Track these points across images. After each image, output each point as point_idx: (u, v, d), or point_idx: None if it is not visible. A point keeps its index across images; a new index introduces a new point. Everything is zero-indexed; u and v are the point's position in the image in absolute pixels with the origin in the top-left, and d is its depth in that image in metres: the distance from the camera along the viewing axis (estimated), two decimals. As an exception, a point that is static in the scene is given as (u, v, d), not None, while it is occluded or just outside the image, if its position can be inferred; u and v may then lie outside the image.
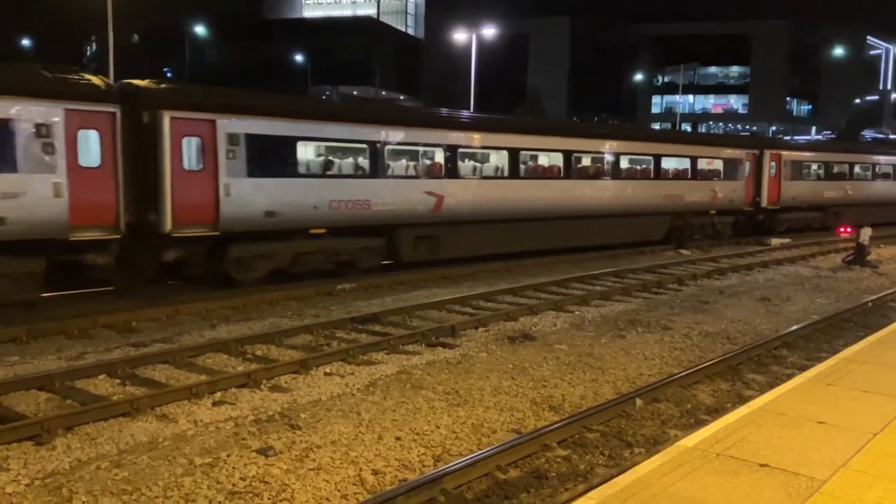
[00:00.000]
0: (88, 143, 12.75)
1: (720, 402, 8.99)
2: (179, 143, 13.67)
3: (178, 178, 13.57)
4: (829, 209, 31.89)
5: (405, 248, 17.54)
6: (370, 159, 16.64)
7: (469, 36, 44.15)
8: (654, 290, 16.60)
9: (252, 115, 14.77)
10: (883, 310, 15.07)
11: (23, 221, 11.88)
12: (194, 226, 13.84)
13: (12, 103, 11.94)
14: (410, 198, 17.28)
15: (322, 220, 15.66)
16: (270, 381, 9.19)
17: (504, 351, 10.89)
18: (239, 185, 14.35)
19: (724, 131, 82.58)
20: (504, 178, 19.59)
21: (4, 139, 11.80)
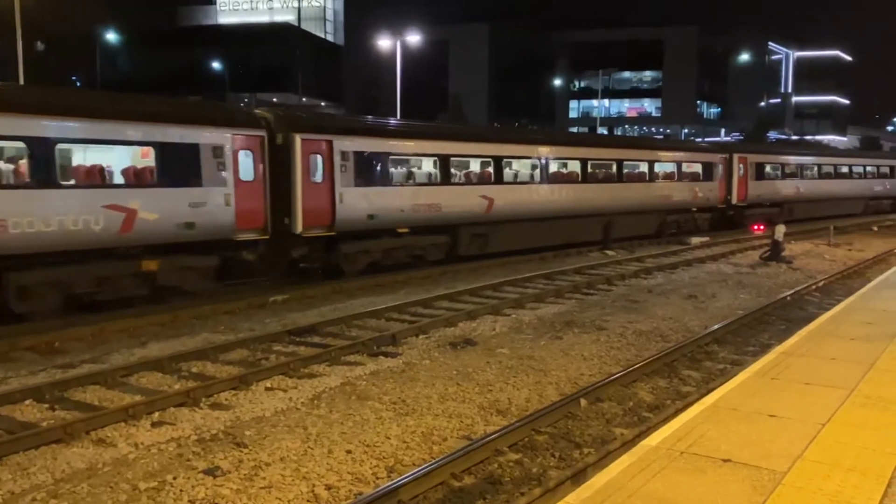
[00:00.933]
0: (246, 162, 15.37)
1: (660, 399, 9.22)
2: (307, 159, 16.42)
3: (306, 189, 16.35)
4: (785, 205, 35.42)
5: (463, 244, 20.55)
6: (440, 170, 19.90)
7: (389, 42, 44.15)
8: (586, 290, 16.91)
9: (357, 135, 17.85)
10: (800, 303, 15.79)
11: (206, 225, 14.51)
12: (317, 227, 16.70)
13: (200, 131, 14.50)
14: (469, 201, 20.50)
15: (407, 220, 18.75)
16: (210, 398, 8.92)
17: (447, 357, 10.89)
18: (349, 193, 17.20)
19: (639, 134, 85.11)
20: (537, 183, 23.06)
21: (194, 159, 14.31)
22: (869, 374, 7.53)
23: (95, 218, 12.83)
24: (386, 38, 44.65)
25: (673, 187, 28.99)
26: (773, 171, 35.65)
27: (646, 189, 27.56)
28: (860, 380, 7.33)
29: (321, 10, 68.31)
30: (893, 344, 8.97)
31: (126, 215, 13.23)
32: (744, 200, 32.56)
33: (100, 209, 12.89)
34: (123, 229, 13.23)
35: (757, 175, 33.52)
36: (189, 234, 14.21)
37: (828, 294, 16.88)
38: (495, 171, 21.44)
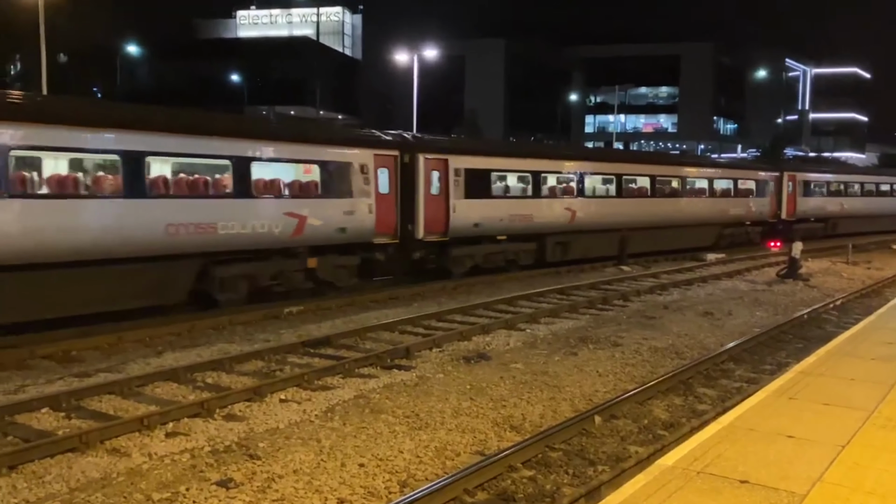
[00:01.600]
0: (383, 177, 17.98)
1: (675, 417, 9.14)
2: (428, 175, 19.08)
3: (427, 201, 18.99)
4: (829, 220, 38.17)
5: (549, 251, 22.95)
6: (532, 184, 22.37)
7: (406, 57, 44.39)
8: (601, 306, 16.84)
9: (467, 154, 20.54)
10: (818, 321, 15.63)
11: (354, 230, 17.12)
12: (435, 234, 19.35)
13: (351, 151, 17.25)
14: (556, 213, 23.07)
15: (505, 229, 21.37)
16: (224, 409, 8.93)
17: (460, 371, 10.86)
18: (460, 204, 19.80)
19: (655, 149, 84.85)
20: (613, 197, 25.55)
21: (347, 175, 16.98)
22: (889, 396, 7.43)
23: (277, 223, 15.47)
24: (403, 52, 44.90)
25: (730, 202, 31.65)
26: (819, 188, 38.05)
27: (706, 204, 30.10)
28: (880, 401, 7.24)
29: (339, 24, 68.89)
30: (914, 365, 8.87)
31: (298, 221, 15.90)
32: (792, 215, 35.12)
33: (280, 216, 15.57)
34: (296, 232, 15.88)
35: (805, 192, 36.08)
36: (341, 237, 16.98)
37: (846, 313, 16.71)
38: (577, 186, 24.06)
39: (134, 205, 13.16)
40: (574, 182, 24.01)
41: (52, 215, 12.11)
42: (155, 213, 13.48)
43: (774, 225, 34.07)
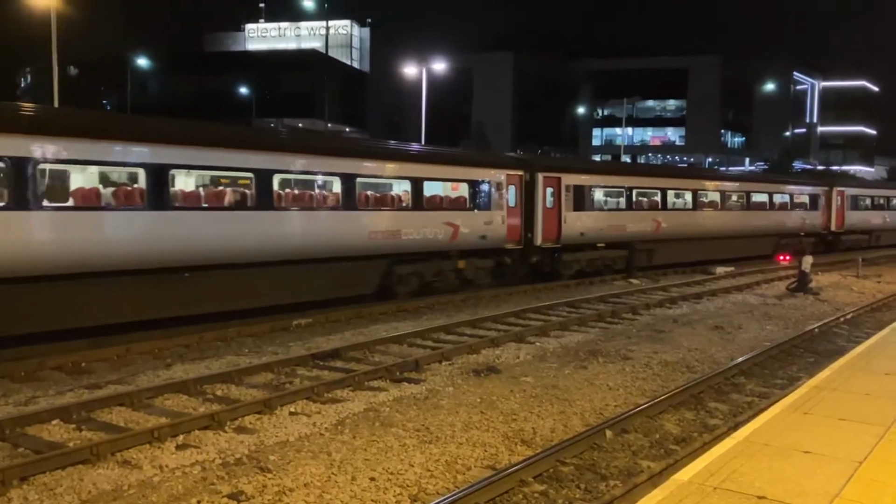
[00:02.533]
0: (512, 193, 21.19)
1: (686, 431, 9.08)
2: (545, 191, 22.27)
3: (544, 213, 22.26)
4: (873, 233, 41.50)
5: (638, 258, 25.83)
6: (626, 198, 25.64)
7: (413, 70, 44.55)
8: (610, 319, 16.78)
9: (575, 172, 23.84)
10: (829, 336, 15.53)
11: (492, 237, 20.41)
12: (549, 241, 22.55)
13: (491, 171, 20.63)
14: (644, 223, 26.17)
15: (604, 237, 24.49)
16: (235, 422, 8.92)
17: (470, 385, 10.82)
18: (570, 216, 23.01)
19: (663, 162, 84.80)
20: (690, 210, 28.86)
21: (487, 191, 20.38)
22: (904, 411, 7.37)
23: (439, 230, 18.86)
24: (411, 65, 45.07)
25: (787, 215, 34.84)
26: (864, 202, 41.07)
27: (767, 216, 33.49)
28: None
29: (348, 37, 69.26)
30: (928, 380, 8.80)
31: (454, 229, 19.30)
32: (841, 227, 38.07)
33: (442, 225, 18.92)
34: (451, 238, 19.25)
35: (852, 206, 39.18)
36: (482, 243, 20.24)
37: (857, 327, 16.60)
38: (661, 200, 27.32)
39: (348, 216, 16.85)
40: (658, 197, 27.20)
41: (303, 224, 16.14)
42: (363, 222, 17.16)
43: (824, 236, 37.13)
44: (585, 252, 24.06)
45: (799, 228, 35.28)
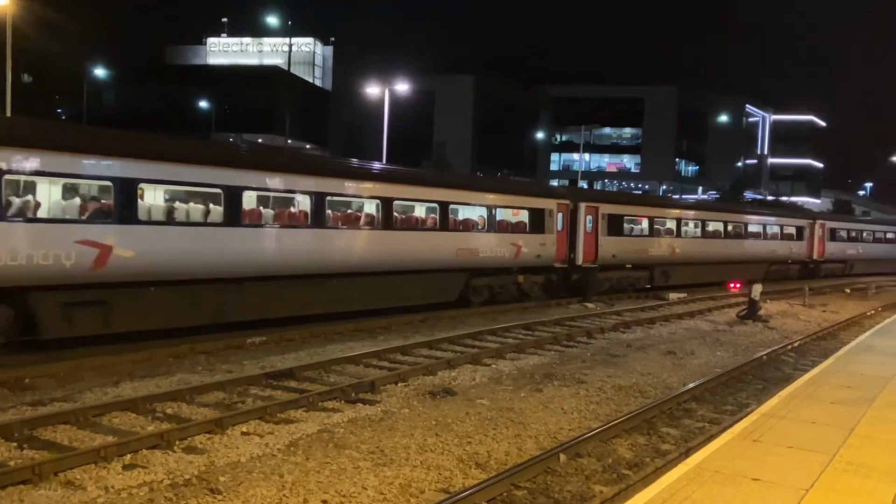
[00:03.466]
0: (560, 219, 25.05)
1: (639, 456, 9.17)
2: (585, 218, 25.97)
3: (585, 237, 26.00)
4: (848, 262, 46.63)
5: (656, 277, 29.80)
6: (649, 226, 30.00)
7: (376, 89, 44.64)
8: (566, 343, 16.91)
9: (610, 202, 28.13)
10: (776, 363, 15.88)
11: (545, 257, 24.13)
12: (588, 262, 26.24)
13: (546, 200, 24.66)
14: (663, 249, 30.45)
15: (631, 259, 28.41)
16: (184, 441, 8.73)
17: (426, 406, 10.78)
18: (605, 240, 26.67)
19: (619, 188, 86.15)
20: (697, 238, 33.15)
21: (542, 217, 24.02)
22: (849, 440, 7.56)
23: (506, 250, 22.57)
24: (373, 85, 45.16)
25: (778, 244, 39.59)
26: (841, 235, 46.12)
27: (762, 245, 37.96)
28: (841, 445, 7.35)
29: (310, 55, 69.09)
30: (872, 409, 9.03)
31: (517, 249, 22.96)
32: (822, 257, 43.13)
33: (509, 245, 22.64)
34: (515, 257, 22.93)
35: (831, 237, 44.25)
36: (537, 261, 23.92)
37: (803, 355, 17.00)
38: (676, 228, 31.55)
39: (444, 236, 20.62)
40: (674, 226, 31.42)
41: (415, 241, 19.82)
42: (453, 241, 20.86)
43: (808, 264, 42.06)
44: (616, 271, 27.94)
45: (787, 256, 40.25)
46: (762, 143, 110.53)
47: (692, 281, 31.06)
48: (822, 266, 43.35)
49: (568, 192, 27.71)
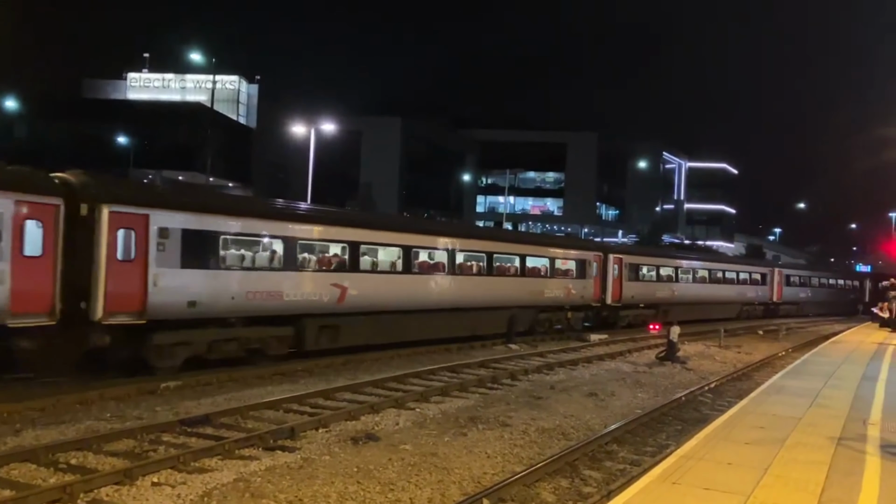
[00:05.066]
0: (595, 267, 31.49)
1: (562, 499, 9.17)
2: (613, 267, 32.95)
3: (613, 282, 32.74)
4: (801, 303, 55.13)
5: (661, 314, 35.17)
6: (656, 273, 37.55)
7: (302, 129, 44.41)
8: (490, 385, 16.89)
9: (630, 255, 35.84)
10: (694, 403, 16.25)
11: (586, 297, 30.91)
12: (615, 301, 32.83)
13: (587, 252, 31.34)
14: (665, 291, 37.83)
15: (644, 300, 35.42)
16: (89, 494, 8.26)
17: (348, 453, 10.52)
18: (626, 284, 33.77)
19: (542, 231, 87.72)
20: (690, 283, 41.03)
21: (585, 266, 30.54)
22: (763, 480, 7.73)
23: (561, 291, 29.21)
24: (299, 124, 44.92)
25: (748, 288, 47.79)
26: (795, 280, 55.00)
27: (736, 288, 46.38)
28: (756, 485, 7.51)
29: (235, 92, 68.31)
30: (784, 449, 9.29)
31: (567, 291, 29.51)
32: (780, 299, 51.21)
33: (564, 287, 29.33)
34: (566, 297, 29.50)
35: (787, 282, 52.57)
36: (580, 301, 30.29)
37: (720, 395, 17.46)
38: (675, 274, 39.57)
39: (522, 280, 27.36)
40: (672, 272, 39.23)
41: (504, 284, 26.47)
42: (534, 286, 27.92)
43: (769, 305, 50.62)
44: (633, 310, 34.28)
45: (755, 299, 48.30)
46: (678, 189, 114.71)
47: (686, 318, 34.35)
48: (780, 307, 50.79)
49: (600, 246, 35.19)
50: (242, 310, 16.72)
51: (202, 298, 15.76)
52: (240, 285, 16.65)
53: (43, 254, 13.53)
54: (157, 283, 14.94)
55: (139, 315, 14.68)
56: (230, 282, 16.52)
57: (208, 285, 15.98)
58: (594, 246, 34.27)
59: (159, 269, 15.01)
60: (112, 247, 14.36)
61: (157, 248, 15.03)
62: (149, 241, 14.89)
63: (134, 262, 14.75)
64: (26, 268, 13.20)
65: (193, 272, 15.69)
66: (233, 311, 16.55)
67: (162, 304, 15.01)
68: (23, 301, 13.05)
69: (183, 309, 15.44)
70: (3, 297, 12.79)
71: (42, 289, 13.42)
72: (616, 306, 32.82)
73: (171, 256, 15.28)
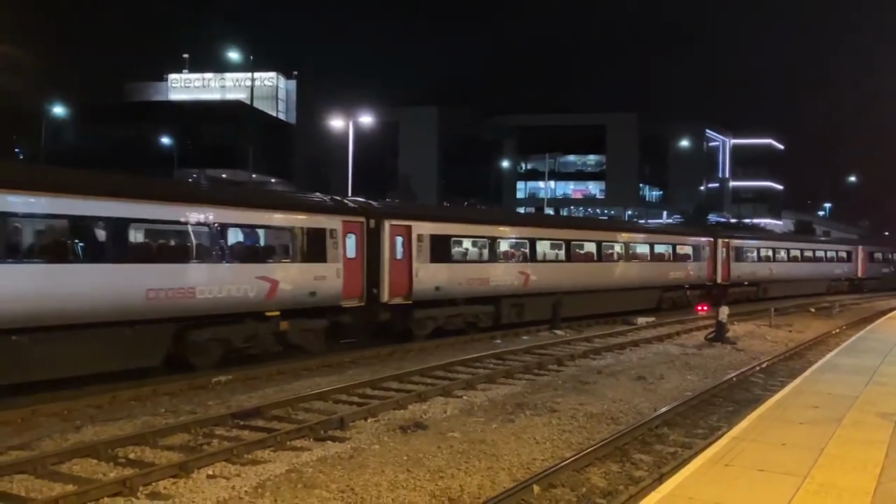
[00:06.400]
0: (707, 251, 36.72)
1: (612, 484, 9.09)
2: (721, 251, 37.37)
3: (723, 263, 36.98)
4: (883, 278, 57.77)
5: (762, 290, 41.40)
6: (788, 255, 45.04)
7: (340, 122, 44.68)
8: (536, 371, 16.83)
9: (736, 238, 40.58)
10: (746, 384, 15.98)
11: (702, 277, 35.71)
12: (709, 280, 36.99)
13: (699, 239, 36.35)
14: (763, 271, 42.46)
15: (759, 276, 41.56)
16: (148, 487, 8.46)
17: (397, 442, 10.60)
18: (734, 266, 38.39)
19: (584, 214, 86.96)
20: (770, 262, 43.51)
21: (699, 250, 35.59)
22: (820, 460, 7.57)
23: (682, 273, 33.73)
24: (337, 117, 45.20)
25: (835, 265, 51.76)
26: (879, 256, 58.97)
27: (824, 266, 50.12)
28: (812, 466, 7.36)
29: (273, 89, 69.00)
30: (841, 429, 9.09)
31: (686, 272, 33.95)
32: (864, 275, 54.91)
33: (684, 269, 33.84)
34: (685, 277, 33.83)
35: (871, 259, 56.77)
36: (693, 280, 34.71)
37: (771, 375, 17.14)
38: (773, 254, 43.34)
39: (652, 265, 32.35)
40: (770, 253, 43.17)
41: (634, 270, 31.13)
42: (656, 270, 32.32)
43: (853, 280, 54.19)
44: (739, 287, 38.71)
45: (841, 275, 52.26)
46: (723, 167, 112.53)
47: (782, 293, 41.95)
48: (865, 282, 54.57)
49: (711, 231, 39.78)
50: (466, 292, 22.29)
51: (443, 284, 21.36)
52: (465, 274, 22.39)
53: (356, 256, 18.65)
54: (418, 275, 20.42)
55: (407, 297, 20.25)
56: (459, 272, 22.24)
57: (447, 275, 21.56)
58: (706, 232, 38.50)
59: (418, 264, 20.47)
60: (391, 249, 19.73)
61: (417, 249, 20.43)
62: (412, 245, 20.31)
63: (403, 260, 20.15)
64: (348, 266, 18.35)
65: (438, 265, 21.22)
66: (460, 294, 22.14)
67: (420, 290, 20.53)
68: (347, 289, 18.29)
69: (432, 292, 21.02)
70: (338, 286, 18.01)
71: (356, 280, 18.64)
72: (725, 284, 36.94)
73: (425, 254, 20.75)
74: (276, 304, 16.50)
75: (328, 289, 17.70)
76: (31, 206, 12.76)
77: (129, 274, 13.86)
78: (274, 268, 16.70)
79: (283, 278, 16.64)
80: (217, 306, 15.26)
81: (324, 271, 17.62)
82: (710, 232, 39.02)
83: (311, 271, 17.37)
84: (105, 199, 13.56)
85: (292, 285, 16.84)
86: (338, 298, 18.03)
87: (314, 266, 17.46)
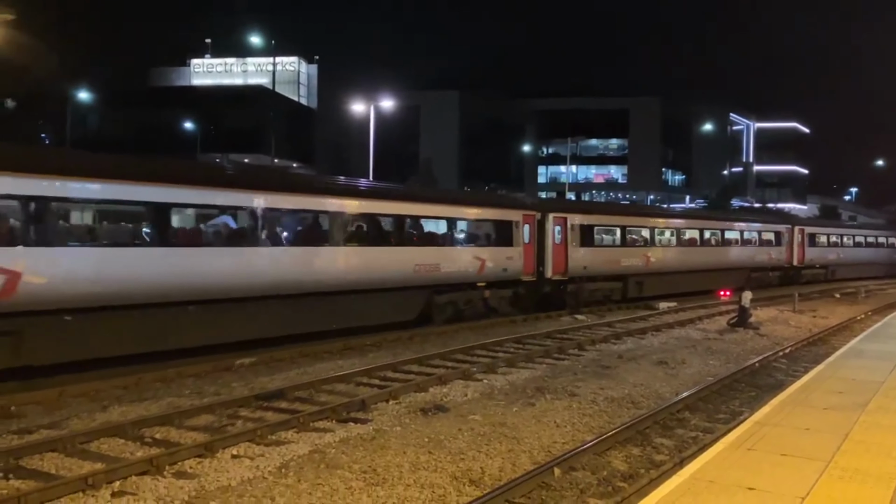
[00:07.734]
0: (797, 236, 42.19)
1: (633, 467, 9.11)
2: (792, 236, 41.73)
3: (800, 247, 42.15)
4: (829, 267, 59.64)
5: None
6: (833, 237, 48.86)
7: (362, 106, 44.70)
8: (557, 355, 16.85)
9: (814, 226, 46.50)
10: (768, 370, 15.87)
11: (781, 259, 40.42)
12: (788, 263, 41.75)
13: (779, 226, 41.65)
14: (869, 257, 52.07)
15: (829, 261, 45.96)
16: (174, 466, 8.61)
17: (418, 424, 10.69)
18: (808, 250, 42.70)
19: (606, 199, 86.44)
20: (839, 247, 47.97)
21: (779, 236, 40.72)
22: (844, 446, 7.52)
23: (765, 256, 39.00)
24: (358, 102, 45.23)
25: (893, 252, 55.97)
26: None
27: (883, 251, 54.98)
28: (836, 451, 7.32)
29: (295, 74, 69.11)
30: (865, 414, 9.02)
31: (768, 256, 39.74)
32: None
33: (766, 253, 39.33)
34: (768, 260, 39.03)
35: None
36: (774, 263, 39.53)
37: (795, 361, 17.01)
38: (840, 240, 47.96)
39: (732, 249, 36.49)
40: (837, 239, 47.86)
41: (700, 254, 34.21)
42: (739, 253, 36.99)
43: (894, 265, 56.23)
44: (812, 269, 43.40)
45: (874, 260, 53.58)
46: (747, 151, 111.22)
47: (848, 276, 44.10)
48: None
49: (788, 218, 45.02)
50: (603, 272, 27.15)
51: (588, 264, 26.36)
52: (604, 256, 27.51)
53: (530, 241, 23.97)
54: (572, 256, 25.49)
55: (564, 274, 25.37)
56: (600, 254, 27.43)
57: (591, 257, 26.62)
58: (784, 219, 43.94)
59: (571, 247, 25.56)
60: (552, 236, 24.91)
61: (571, 236, 25.49)
62: (567, 232, 25.44)
63: (560, 244, 25.27)
64: (526, 249, 23.76)
65: (585, 249, 26.28)
66: (600, 272, 27.02)
67: (574, 268, 25.68)
68: (526, 267, 23.74)
69: (581, 271, 26.03)
70: (520, 265, 23.49)
71: (530, 260, 23.99)
72: (800, 267, 41.21)
73: (576, 240, 25.84)
74: (483, 277, 21.97)
75: (514, 266, 23.10)
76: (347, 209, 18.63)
77: (406, 254, 19.58)
78: (483, 250, 22.07)
79: (488, 258, 21.99)
80: (451, 278, 20.78)
81: (511, 253, 23.01)
82: (788, 219, 44.63)
83: (504, 253, 22.74)
84: (394, 202, 19.80)
85: (493, 263, 22.14)
86: (519, 274, 23.47)
87: (506, 249, 22.86)
